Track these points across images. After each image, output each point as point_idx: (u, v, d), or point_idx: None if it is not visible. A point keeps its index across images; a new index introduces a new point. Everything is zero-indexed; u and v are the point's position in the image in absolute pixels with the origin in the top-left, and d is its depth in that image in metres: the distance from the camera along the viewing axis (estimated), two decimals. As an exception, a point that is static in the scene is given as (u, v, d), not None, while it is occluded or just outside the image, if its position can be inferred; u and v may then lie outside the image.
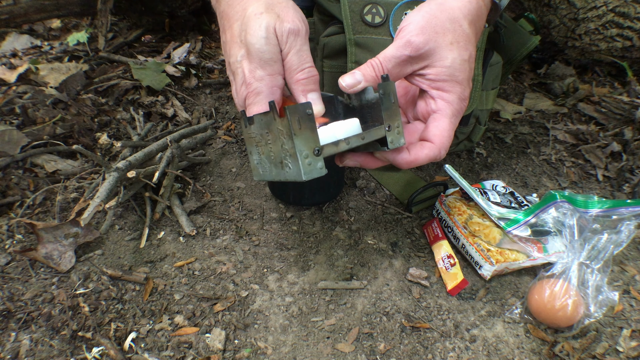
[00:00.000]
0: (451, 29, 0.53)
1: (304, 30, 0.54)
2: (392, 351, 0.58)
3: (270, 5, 0.55)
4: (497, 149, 1.03)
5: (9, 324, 0.59)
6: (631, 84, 1.23)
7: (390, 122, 0.53)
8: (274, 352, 0.58)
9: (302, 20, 0.55)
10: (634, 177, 0.93)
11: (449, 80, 0.53)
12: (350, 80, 0.53)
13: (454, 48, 0.52)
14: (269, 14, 0.53)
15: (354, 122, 0.54)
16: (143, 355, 0.57)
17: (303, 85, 0.54)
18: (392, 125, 0.53)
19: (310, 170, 0.49)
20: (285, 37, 0.53)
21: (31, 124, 0.97)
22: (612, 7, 1.10)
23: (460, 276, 0.67)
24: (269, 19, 0.53)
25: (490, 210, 0.72)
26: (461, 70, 0.53)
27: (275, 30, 0.52)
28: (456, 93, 0.53)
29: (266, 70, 0.53)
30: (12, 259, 0.69)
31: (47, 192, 0.81)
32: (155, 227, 0.76)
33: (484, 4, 0.57)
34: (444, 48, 0.52)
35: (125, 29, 1.50)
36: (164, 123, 1.04)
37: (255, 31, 0.52)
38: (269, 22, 0.52)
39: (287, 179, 0.51)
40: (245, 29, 0.54)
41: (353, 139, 0.51)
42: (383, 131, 0.53)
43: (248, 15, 0.54)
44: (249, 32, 0.53)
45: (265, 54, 0.53)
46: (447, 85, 0.53)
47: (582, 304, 0.61)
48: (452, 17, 0.53)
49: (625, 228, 0.64)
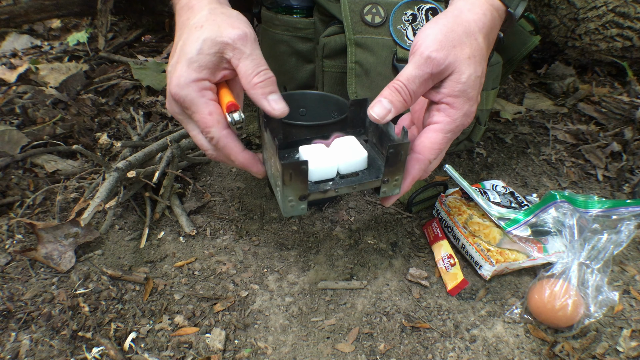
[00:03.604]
0: (467, 43, 0.51)
1: (251, 35, 0.52)
2: (392, 351, 0.58)
3: (211, 16, 0.53)
4: (497, 149, 1.03)
5: (9, 324, 0.59)
6: (631, 84, 1.23)
7: (390, 177, 0.52)
8: (274, 352, 0.58)
9: (247, 26, 0.53)
10: (634, 177, 0.93)
11: (461, 96, 0.52)
12: (381, 110, 0.51)
13: (471, 63, 0.51)
14: (209, 26, 0.52)
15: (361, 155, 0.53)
16: (143, 355, 0.57)
17: (261, 89, 0.52)
18: (390, 179, 0.52)
19: (292, 210, 0.50)
20: (232, 46, 0.51)
21: (31, 124, 0.97)
22: (612, 7, 1.10)
23: (460, 276, 0.67)
24: (209, 32, 0.51)
25: (490, 210, 0.72)
26: (473, 87, 0.52)
27: (215, 42, 0.51)
28: (463, 110, 0.52)
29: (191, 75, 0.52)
30: (12, 259, 0.69)
31: (47, 192, 0.81)
32: (155, 227, 0.76)
33: (498, 15, 0.56)
34: (462, 62, 0.51)
35: (125, 29, 1.50)
36: (164, 123, 1.04)
37: (193, 43, 0.51)
38: (209, 35, 0.51)
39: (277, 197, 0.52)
40: (184, 42, 0.53)
41: (343, 189, 0.52)
42: (379, 183, 0.52)
43: (189, 27, 0.54)
44: (187, 44, 0.52)
45: (194, 64, 0.52)
46: (457, 102, 0.52)
47: (582, 304, 0.61)
48: (468, 31, 0.52)
49: (625, 228, 0.64)
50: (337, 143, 0.55)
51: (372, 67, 0.79)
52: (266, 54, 0.95)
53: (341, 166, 0.53)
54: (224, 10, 0.54)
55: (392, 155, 0.50)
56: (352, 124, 0.60)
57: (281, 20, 0.86)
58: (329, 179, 0.52)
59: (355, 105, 0.59)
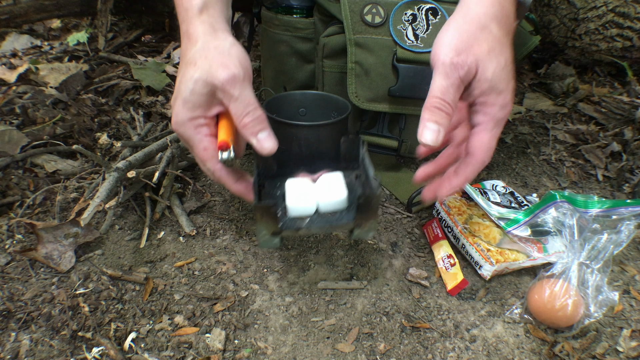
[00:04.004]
0: (483, 38, 0.51)
1: (241, 74, 0.54)
2: (392, 351, 0.58)
3: (204, 52, 0.55)
4: (497, 149, 1.03)
5: (9, 324, 0.59)
6: (631, 84, 1.23)
7: (363, 222, 0.54)
8: (274, 352, 0.58)
9: (240, 63, 0.55)
10: (634, 177, 0.93)
11: (491, 93, 0.52)
12: (431, 135, 0.51)
13: (492, 56, 0.51)
14: (201, 64, 0.54)
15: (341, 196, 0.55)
16: (143, 355, 0.57)
17: (250, 129, 0.55)
18: (363, 224, 0.54)
19: (266, 243, 0.54)
20: (221, 89, 0.53)
21: (31, 124, 0.97)
22: (612, 7, 1.10)
23: (460, 276, 0.67)
24: (200, 72, 0.53)
25: (490, 210, 0.72)
26: (501, 79, 0.52)
27: (206, 83, 0.53)
28: (497, 104, 0.52)
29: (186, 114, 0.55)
30: (12, 259, 0.69)
31: (47, 192, 0.81)
32: (155, 227, 0.76)
33: (507, 2, 0.55)
34: (484, 59, 0.51)
35: (125, 29, 1.50)
36: (164, 123, 1.04)
37: (186, 83, 0.54)
38: (200, 75, 0.53)
39: None
40: (180, 79, 0.56)
41: (316, 229, 0.55)
42: (352, 226, 0.54)
43: (185, 62, 0.56)
44: (182, 81, 0.55)
45: (188, 104, 0.54)
46: (490, 99, 0.52)
47: (582, 304, 0.61)
48: (480, 25, 0.52)
49: (625, 228, 0.64)
50: (322, 180, 0.58)
51: (372, 67, 0.79)
52: (266, 54, 0.96)
53: (321, 204, 0.55)
54: (217, 44, 0.56)
55: (362, 205, 0.52)
56: (346, 157, 0.63)
57: (281, 20, 0.86)
58: (307, 216, 0.55)
59: (348, 142, 0.62)
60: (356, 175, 0.62)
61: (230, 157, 0.55)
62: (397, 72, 0.77)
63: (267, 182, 0.63)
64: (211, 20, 0.58)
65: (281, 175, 0.63)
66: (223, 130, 0.56)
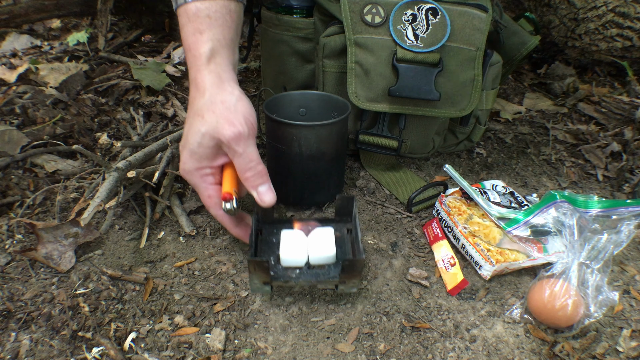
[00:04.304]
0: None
1: (246, 131, 0.58)
2: (392, 351, 0.58)
3: (212, 105, 0.59)
4: (497, 149, 1.03)
5: (9, 324, 0.59)
6: (631, 84, 1.23)
7: (347, 280, 0.59)
8: (274, 352, 0.58)
9: (245, 120, 0.59)
10: (634, 177, 0.93)
11: None
12: None
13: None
14: (209, 117, 0.58)
15: (330, 252, 0.60)
16: (143, 355, 0.57)
17: (252, 182, 0.60)
18: (347, 282, 0.59)
19: (257, 290, 0.60)
20: (227, 145, 0.58)
21: (31, 124, 0.97)
22: (612, 7, 1.10)
23: (460, 276, 0.67)
24: (208, 126, 0.58)
25: (490, 210, 0.72)
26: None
27: (213, 137, 0.58)
28: None
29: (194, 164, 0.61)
30: (12, 259, 0.69)
31: (47, 192, 0.81)
32: (155, 227, 0.76)
33: None
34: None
35: (125, 29, 1.50)
36: (164, 123, 1.04)
37: (194, 135, 0.59)
38: (207, 129, 0.58)
39: None
40: (188, 129, 0.60)
41: (304, 282, 0.60)
42: (337, 282, 0.59)
43: (194, 112, 0.60)
44: (189, 132, 0.60)
45: (195, 155, 0.60)
46: None
47: (582, 304, 0.61)
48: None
49: (625, 228, 0.64)
50: (314, 234, 0.63)
51: (372, 67, 0.79)
52: (266, 54, 0.96)
53: (311, 258, 0.61)
54: (223, 97, 0.59)
55: (347, 267, 0.57)
56: (340, 213, 0.68)
57: (281, 20, 0.86)
58: (297, 267, 0.61)
59: (343, 200, 0.67)
60: (347, 230, 0.68)
61: (233, 207, 0.60)
62: (397, 72, 0.77)
63: (265, 228, 0.68)
64: (218, 69, 0.61)
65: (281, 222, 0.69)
66: (227, 181, 0.62)
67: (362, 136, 0.86)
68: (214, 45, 0.61)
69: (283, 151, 0.72)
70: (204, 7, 0.60)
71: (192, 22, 0.60)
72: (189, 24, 0.61)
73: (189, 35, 0.61)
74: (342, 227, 0.68)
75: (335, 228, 0.67)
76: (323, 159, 0.74)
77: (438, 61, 0.77)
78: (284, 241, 0.62)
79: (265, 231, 0.68)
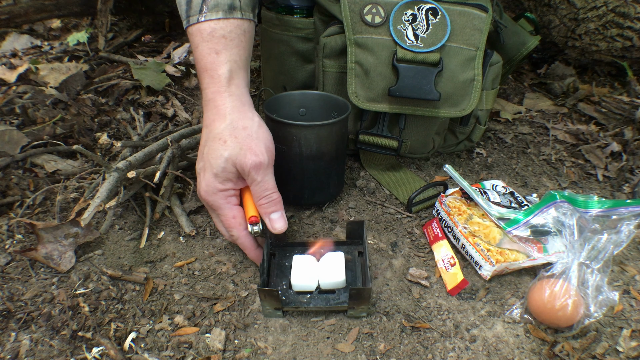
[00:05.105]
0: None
1: (266, 161, 0.60)
2: (392, 351, 0.58)
3: (235, 131, 0.60)
4: (497, 149, 1.03)
5: (9, 324, 0.59)
6: (631, 84, 1.23)
7: (356, 306, 0.60)
8: (274, 352, 0.58)
9: (265, 149, 0.61)
10: (634, 177, 0.93)
11: None
12: None
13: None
14: (232, 143, 0.59)
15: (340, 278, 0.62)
16: (143, 355, 0.57)
17: (265, 209, 0.62)
18: (356, 308, 0.61)
19: (269, 315, 0.62)
20: (247, 172, 0.60)
21: (31, 124, 0.97)
22: (612, 7, 1.10)
23: (460, 276, 0.67)
24: (231, 152, 0.59)
25: (490, 210, 0.72)
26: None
27: (235, 164, 0.60)
28: None
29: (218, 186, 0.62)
30: (12, 259, 0.69)
31: (47, 192, 0.81)
32: (155, 227, 0.76)
33: None
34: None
35: (125, 29, 1.50)
36: (164, 123, 1.04)
37: (217, 159, 0.60)
38: (230, 155, 0.60)
39: None
40: (209, 151, 0.61)
41: (313, 308, 0.61)
42: (346, 308, 0.61)
43: (214, 135, 0.61)
44: (211, 154, 0.61)
45: (219, 178, 0.61)
46: None
47: (582, 304, 0.61)
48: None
49: (625, 228, 0.64)
50: (325, 259, 0.64)
51: (372, 67, 0.79)
52: (266, 54, 0.96)
53: (322, 283, 0.62)
54: (245, 124, 0.61)
55: (354, 295, 0.58)
56: (351, 236, 0.70)
57: (281, 20, 0.86)
58: (308, 291, 0.63)
59: (353, 224, 0.69)
60: (359, 252, 0.69)
61: (260, 229, 0.63)
62: (397, 72, 0.77)
63: (278, 252, 0.69)
64: (239, 92, 0.63)
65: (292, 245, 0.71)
66: (251, 205, 0.64)
67: (362, 136, 0.86)
68: (231, 67, 0.62)
69: (283, 151, 0.72)
70: (218, 27, 0.61)
71: (207, 42, 0.61)
72: (203, 44, 0.61)
73: (205, 55, 0.61)
74: (354, 250, 0.69)
75: (346, 251, 0.68)
76: (323, 159, 0.74)
77: (438, 61, 0.77)
78: (295, 267, 0.63)
79: (279, 255, 0.69)
